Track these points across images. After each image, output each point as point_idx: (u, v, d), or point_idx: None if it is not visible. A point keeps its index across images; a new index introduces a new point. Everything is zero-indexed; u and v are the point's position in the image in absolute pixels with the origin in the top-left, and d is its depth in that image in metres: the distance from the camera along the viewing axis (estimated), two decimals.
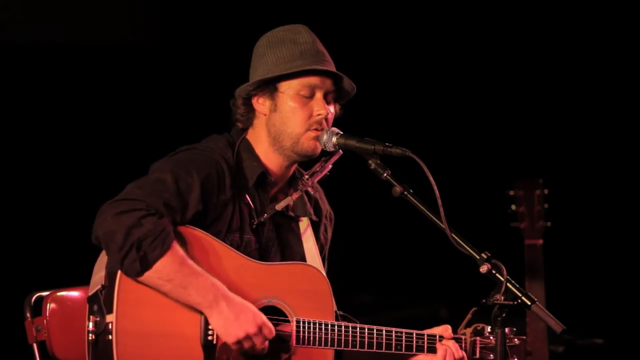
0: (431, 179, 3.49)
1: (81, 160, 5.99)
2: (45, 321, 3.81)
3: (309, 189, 4.03)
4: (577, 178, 7.07)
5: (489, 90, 7.08)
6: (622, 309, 7.03)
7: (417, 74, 6.98)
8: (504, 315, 3.39)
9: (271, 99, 3.89)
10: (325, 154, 3.94)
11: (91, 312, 3.64)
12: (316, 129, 3.88)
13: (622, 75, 7.07)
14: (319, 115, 3.87)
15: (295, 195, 3.95)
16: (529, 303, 3.37)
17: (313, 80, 3.90)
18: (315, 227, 4.11)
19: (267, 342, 3.69)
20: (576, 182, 7.08)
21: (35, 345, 3.79)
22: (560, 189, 6.51)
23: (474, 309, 4.00)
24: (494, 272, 3.42)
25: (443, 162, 5.54)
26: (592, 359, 6.84)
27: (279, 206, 3.92)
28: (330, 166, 3.95)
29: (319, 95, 3.89)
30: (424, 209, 3.57)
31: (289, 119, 3.87)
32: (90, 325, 3.63)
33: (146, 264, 3.57)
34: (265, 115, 3.92)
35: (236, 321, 3.63)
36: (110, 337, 3.58)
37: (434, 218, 3.54)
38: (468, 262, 4.05)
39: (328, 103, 3.91)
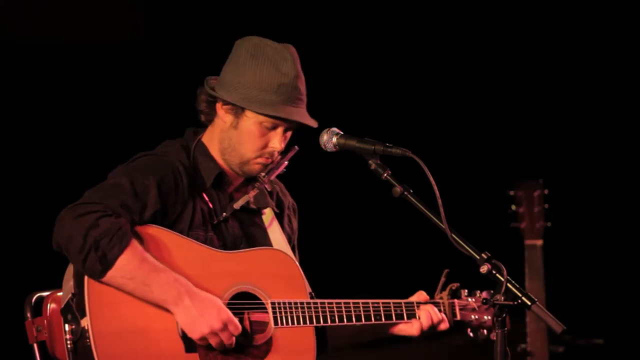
0: (431, 179, 3.48)
1: (81, 160, 5.99)
2: (45, 321, 3.80)
3: (266, 186, 4.03)
4: (577, 178, 7.07)
5: (489, 91, 7.08)
6: (622, 309, 7.03)
7: (417, 74, 6.98)
8: (504, 315, 3.39)
9: (235, 115, 3.90)
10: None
11: (66, 322, 3.66)
12: (266, 158, 3.91)
13: (622, 75, 7.07)
14: (273, 148, 3.90)
15: (252, 193, 3.98)
16: (529, 303, 3.37)
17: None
18: (279, 218, 4.13)
19: (233, 338, 3.69)
20: (576, 182, 7.08)
21: (35, 346, 3.79)
22: (560, 189, 6.51)
23: (446, 270, 4.05)
24: (494, 272, 3.42)
25: (443, 162, 5.53)
26: (592, 359, 6.84)
27: (237, 205, 3.94)
28: (286, 162, 3.98)
29: (280, 130, 3.90)
30: (424, 209, 3.57)
31: (245, 142, 3.89)
32: (67, 334, 3.65)
33: (106, 263, 3.58)
34: (224, 123, 3.94)
35: (201, 317, 3.65)
36: (88, 341, 3.59)
37: (434, 218, 3.54)
38: (468, 262, 4.06)
39: (286, 131, 3.92)
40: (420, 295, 4.07)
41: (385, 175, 3.65)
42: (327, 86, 6.72)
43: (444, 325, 4.05)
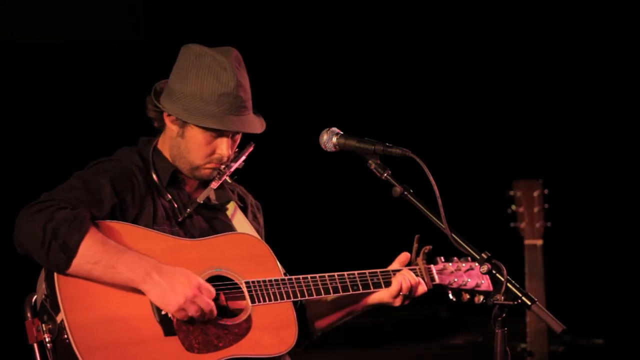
0: (431, 179, 3.49)
1: (82, 159, 5.98)
2: None
3: (227, 179, 4.04)
4: (577, 178, 7.08)
5: (489, 91, 7.08)
6: (622, 309, 7.03)
7: (417, 74, 6.98)
8: (504, 315, 3.39)
9: (180, 126, 3.94)
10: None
11: (43, 322, 3.66)
12: (215, 163, 3.94)
13: (622, 75, 7.07)
14: (221, 155, 3.93)
15: (214, 184, 4.00)
16: (529, 303, 3.37)
17: None
18: (243, 212, 4.14)
19: (212, 303, 3.70)
20: (576, 182, 7.08)
21: (35, 346, 3.78)
22: (560, 189, 6.51)
23: (417, 236, 4.07)
24: (494, 272, 3.42)
25: (443, 162, 5.53)
26: (592, 359, 6.84)
27: (200, 198, 3.97)
28: (244, 157, 4.00)
29: (225, 137, 3.93)
30: (425, 209, 3.57)
31: (192, 150, 3.92)
32: (45, 335, 3.65)
33: (69, 251, 3.59)
34: (172, 131, 3.97)
35: (172, 288, 3.65)
36: (66, 336, 3.58)
37: (434, 218, 3.54)
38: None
39: (233, 136, 3.95)
40: (400, 258, 4.08)
41: (385, 175, 3.66)
42: (326, 86, 6.73)
43: (422, 289, 4.05)
